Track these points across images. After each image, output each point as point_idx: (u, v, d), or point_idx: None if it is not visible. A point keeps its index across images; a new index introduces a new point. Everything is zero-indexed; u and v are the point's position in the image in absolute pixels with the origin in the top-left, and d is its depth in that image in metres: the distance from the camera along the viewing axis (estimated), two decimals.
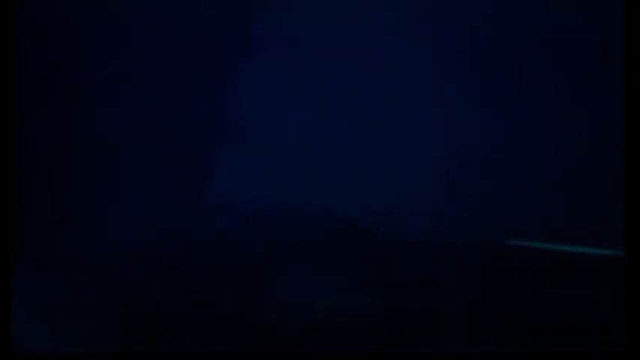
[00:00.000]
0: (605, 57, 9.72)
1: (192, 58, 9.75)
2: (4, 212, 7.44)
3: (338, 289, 9.26)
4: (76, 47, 9.41)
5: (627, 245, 7.18)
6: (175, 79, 9.65)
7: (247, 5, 9.89)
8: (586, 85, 9.84)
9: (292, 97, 9.94)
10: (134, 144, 9.48)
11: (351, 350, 7.91)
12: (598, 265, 9.32)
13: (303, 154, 10.02)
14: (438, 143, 9.91)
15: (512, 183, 9.96)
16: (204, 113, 9.79)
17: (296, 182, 9.90)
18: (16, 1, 8.90)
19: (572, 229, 9.62)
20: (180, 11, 9.66)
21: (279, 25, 9.95)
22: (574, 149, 9.89)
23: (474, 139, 10.00)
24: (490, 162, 9.98)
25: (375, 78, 10.06)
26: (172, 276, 9.00)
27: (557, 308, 8.55)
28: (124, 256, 9.12)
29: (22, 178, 9.27)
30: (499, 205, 9.82)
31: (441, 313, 8.60)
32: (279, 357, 8.43)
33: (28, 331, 8.21)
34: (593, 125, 9.93)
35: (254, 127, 9.82)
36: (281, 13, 9.94)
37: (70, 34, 9.32)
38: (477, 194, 9.89)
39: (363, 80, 10.07)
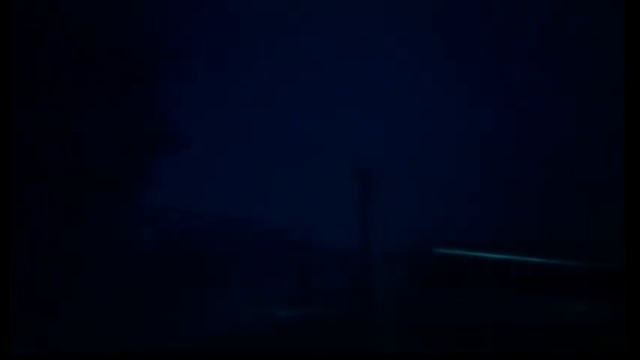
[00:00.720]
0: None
1: (129, 62, 9.70)
2: (4, 212, 7.40)
3: (265, 299, 9.24)
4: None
5: (627, 248, 7.18)
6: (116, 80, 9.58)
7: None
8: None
9: (225, 108, 9.87)
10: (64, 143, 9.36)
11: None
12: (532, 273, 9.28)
13: (230, 162, 9.92)
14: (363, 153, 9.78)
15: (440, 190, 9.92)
16: (141, 115, 9.71)
17: (226, 191, 9.80)
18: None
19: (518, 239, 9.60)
20: (117, 15, 9.61)
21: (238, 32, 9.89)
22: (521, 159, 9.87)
23: (400, 145, 9.94)
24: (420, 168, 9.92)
25: (300, 84, 9.97)
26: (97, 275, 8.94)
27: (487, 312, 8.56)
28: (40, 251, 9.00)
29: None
30: (426, 215, 9.78)
31: (369, 320, 8.62)
32: (279, 357, 8.43)
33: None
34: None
35: (186, 133, 9.72)
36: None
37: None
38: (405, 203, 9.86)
39: (287, 89, 9.98)
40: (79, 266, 8.94)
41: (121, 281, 8.96)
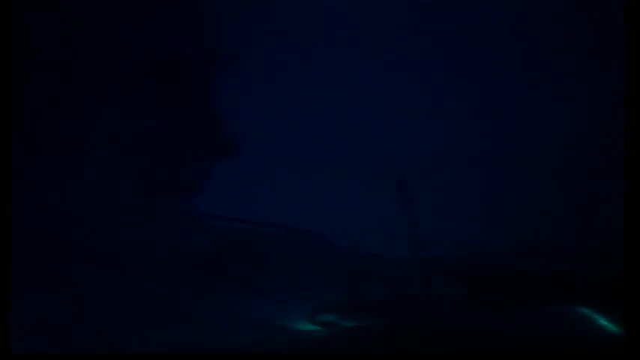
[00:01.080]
0: (604, 65, 9.73)
1: (188, 69, 9.73)
2: (4, 212, 7.43)
3: (314, 308, 9.22)
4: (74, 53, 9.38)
5: (627, 247, 7.18)
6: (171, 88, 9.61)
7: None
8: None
9: (283, 120, 9.88)
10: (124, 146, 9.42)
11: None
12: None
13: (282, 172, 9.92)
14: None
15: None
16: (197, 122, 9.72)
17: (277, 200, 9.80)
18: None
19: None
20: (178, 23, 9.65)
21: (285, 41, 9.90)
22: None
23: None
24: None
25: (362, 105, 10.00)
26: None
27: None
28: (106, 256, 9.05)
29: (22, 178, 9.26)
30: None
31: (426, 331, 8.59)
32: (279, 357, 8.43)
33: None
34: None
35: (245, 143, 9.73)
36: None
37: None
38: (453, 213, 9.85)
39: (352, 105, 10.00)
40: (137, 269, 8.98)
41: (176, 286, 9.00)
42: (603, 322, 8.50)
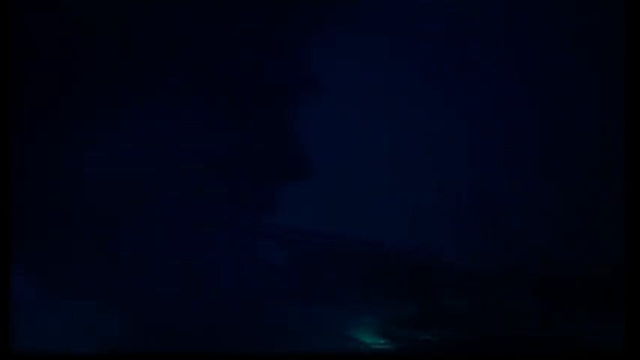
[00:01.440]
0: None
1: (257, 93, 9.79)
2: (3, 212, 7.45)
3: (388, 321, 9.24)
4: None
5: (627, 247, 7.19)
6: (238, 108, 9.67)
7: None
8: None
9: (349, 135, 9.98)
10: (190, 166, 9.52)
11: None
12: None
13: (353, 189, 10.00)
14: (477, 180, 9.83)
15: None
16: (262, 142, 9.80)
17: (345, 215, 9.88)
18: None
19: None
20: (246, 48, 9.70)
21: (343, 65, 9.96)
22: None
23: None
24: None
25: (432, 122, 10.06)
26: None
27: None
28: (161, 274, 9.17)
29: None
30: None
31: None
32: (279, 357, 8.45)
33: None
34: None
35: (312, 161, 9.80)
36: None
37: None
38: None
39: (416, 121, 10.07)
40: (212, 284, 9.14)
41: (251, 299, 9.17)
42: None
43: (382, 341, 9.02)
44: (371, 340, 9.04)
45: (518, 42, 9.79)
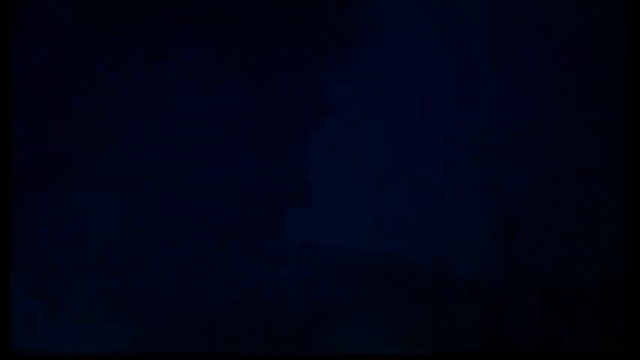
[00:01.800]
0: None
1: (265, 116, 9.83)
2: (3, 213, 7.44)
3: (400, 336, 9.25)
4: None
5: (627, 248, 7.18)
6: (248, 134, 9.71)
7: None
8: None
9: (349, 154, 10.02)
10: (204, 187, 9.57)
11: None
12: None
13: (361, 204, 10.03)
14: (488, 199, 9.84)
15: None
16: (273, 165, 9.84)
17: (355, 228, 9.91)
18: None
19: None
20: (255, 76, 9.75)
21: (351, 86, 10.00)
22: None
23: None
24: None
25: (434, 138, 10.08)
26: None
27: None
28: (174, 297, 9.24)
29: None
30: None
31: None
32: (279, 357, 8.44)
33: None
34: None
35: (318, 178, 9.83)
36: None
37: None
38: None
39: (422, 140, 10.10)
40: (224, 302, 9.22)
41: (264, 315, 9.26)
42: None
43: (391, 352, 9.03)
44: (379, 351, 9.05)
45: (518, 42, 9.79)
